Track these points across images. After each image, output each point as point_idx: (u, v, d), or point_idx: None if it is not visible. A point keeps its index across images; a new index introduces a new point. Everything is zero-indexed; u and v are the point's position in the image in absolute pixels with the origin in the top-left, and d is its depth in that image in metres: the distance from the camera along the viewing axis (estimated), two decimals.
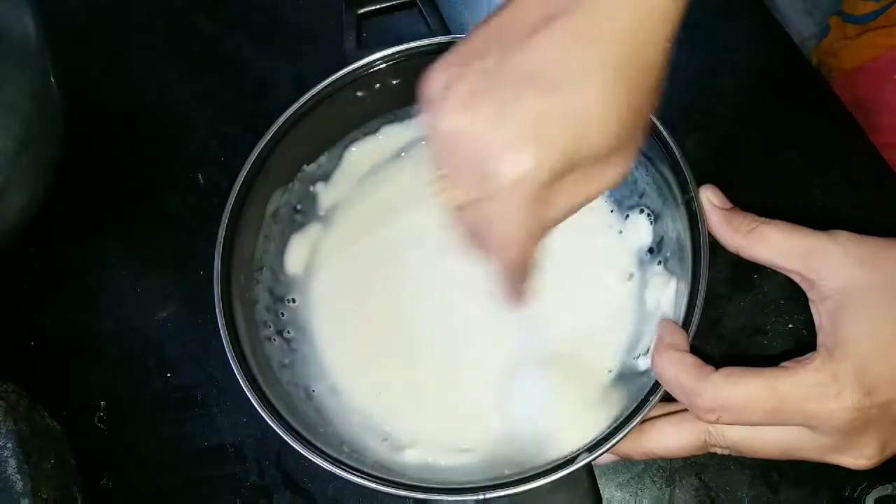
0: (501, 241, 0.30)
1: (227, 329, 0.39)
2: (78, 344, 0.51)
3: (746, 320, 0.47)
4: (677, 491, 0.45)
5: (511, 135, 0.27)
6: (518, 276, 0.32)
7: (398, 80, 0.44)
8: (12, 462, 0.42)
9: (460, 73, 0.28)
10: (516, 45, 0.28)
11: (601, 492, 0.37)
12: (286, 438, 0.37)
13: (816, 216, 0.37)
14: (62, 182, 0.49)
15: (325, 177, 0.47)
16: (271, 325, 0.44)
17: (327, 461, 0.36)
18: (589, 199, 0.30)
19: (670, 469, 0.45)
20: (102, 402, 0.49)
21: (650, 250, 0.44)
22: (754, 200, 0.37)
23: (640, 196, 0.44)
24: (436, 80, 0.29)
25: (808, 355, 0.33)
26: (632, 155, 0.30)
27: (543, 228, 0.30)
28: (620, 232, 0.45)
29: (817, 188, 0.50)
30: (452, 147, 0.28)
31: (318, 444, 0.37)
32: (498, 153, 0.27)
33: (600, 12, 0.27)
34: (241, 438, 0.48)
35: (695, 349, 0.35)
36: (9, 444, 0.42)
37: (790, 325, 0.47)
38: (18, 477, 0.42)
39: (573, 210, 0.30)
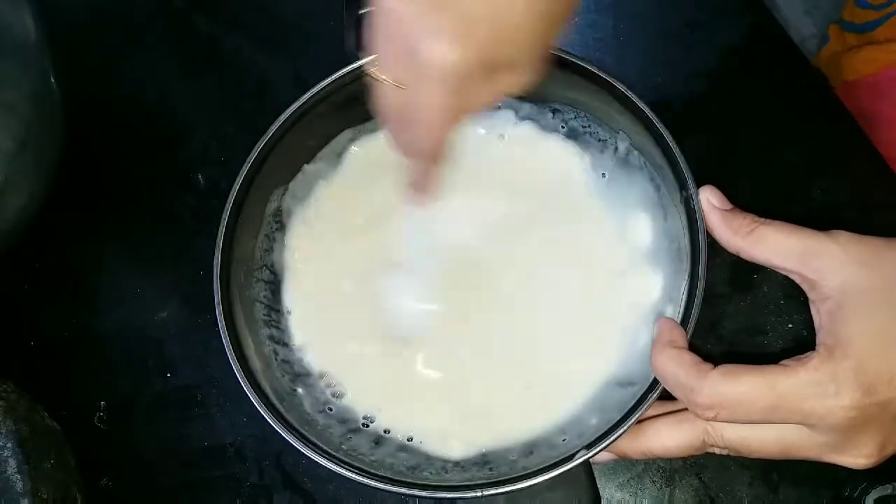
0: (425, 123, 0.32)
1: (227, 329, 0.39)
2: (78, 344, 0.51)
3: (746, 320, 0.47)
4: (677, 491, 0.45)
5: (444, 23, 0.29)
6: (431, 165, 0.35)
7: None
8: (12, 462, 0.42)
9: None
10: None
11: (601, 492, 0.37)
12: (286, 437, 0.37)
13: (816, 216, 0.37)
14: (62, 182, 0.49)
15: (326, 177, 0.47)
16: (272, 325, 0.44)
17: (327, 459, 0.36)
18: (492, 101, 0.33)
19: (670, 469, 0.45)
20: (102, 402, 0.49)
21: (648, 249, 0.43)
22: (754, 200, 0.37)
23: (638, 194, 0.44)
24: None
25: (808, 354, 0.33)
26: (533, 71, 0.32)
27: (458, 119, 0.32)
28: (619, 231, 0.45)
29: (817, 188, 0.50)
30: (388, 27, 0.30)
31: (318, 443, 0.37)
32: (428, 39, 0.29)
33: None
34: (241, 438, 0.48)
35: (694, 348, 0.35)
36: (9, 444, 0.42)
37: (790, 325, 0.47)
38: (18, 477, 0.42)
39: (481, 106, 0.32)
